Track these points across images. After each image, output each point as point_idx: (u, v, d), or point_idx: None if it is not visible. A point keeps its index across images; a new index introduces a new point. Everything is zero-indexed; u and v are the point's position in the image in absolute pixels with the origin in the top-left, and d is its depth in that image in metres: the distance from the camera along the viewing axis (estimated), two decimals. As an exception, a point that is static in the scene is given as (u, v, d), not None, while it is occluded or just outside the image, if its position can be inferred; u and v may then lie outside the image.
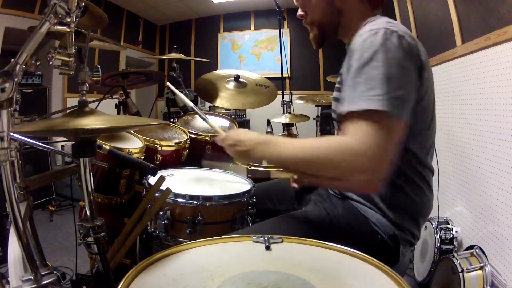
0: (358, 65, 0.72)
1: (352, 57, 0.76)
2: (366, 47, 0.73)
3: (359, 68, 0.72)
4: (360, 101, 0.69)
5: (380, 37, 0.73)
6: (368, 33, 0.75)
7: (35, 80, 3.16)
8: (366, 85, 0.70)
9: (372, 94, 0.68)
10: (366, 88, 0.69)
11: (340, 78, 0.91)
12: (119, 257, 0.99)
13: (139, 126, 1.22)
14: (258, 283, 0.55)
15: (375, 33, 0.74)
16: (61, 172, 1.27)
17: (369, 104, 0.67)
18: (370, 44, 0.73)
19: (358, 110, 0.69)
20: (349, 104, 0.71)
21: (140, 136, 1.59)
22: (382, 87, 0.68)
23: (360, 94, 0.70)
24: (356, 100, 0.70)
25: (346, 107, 0.72)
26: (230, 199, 1.10)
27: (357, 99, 0.70)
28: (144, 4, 4.76)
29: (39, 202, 2.99)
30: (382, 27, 0.75)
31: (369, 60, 0.71)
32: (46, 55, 0.76)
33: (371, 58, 0.71)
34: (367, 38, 0.74)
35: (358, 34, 0.80)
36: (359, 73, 0.72)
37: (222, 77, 2.13)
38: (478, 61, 1.79)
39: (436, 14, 2.27)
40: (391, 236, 0.88)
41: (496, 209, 1.59)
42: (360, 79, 0.71)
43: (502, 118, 1.56)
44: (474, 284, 1.39)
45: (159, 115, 5.35)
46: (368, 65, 0.71)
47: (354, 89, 0.72)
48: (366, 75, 0.71)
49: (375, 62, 0.70)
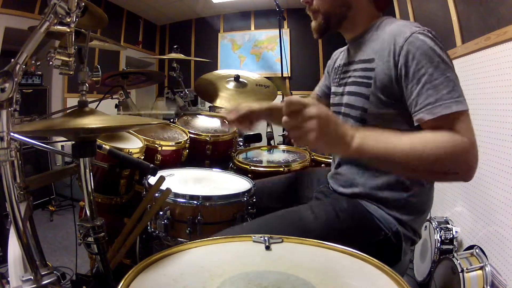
0: (431, 67, 0.75)
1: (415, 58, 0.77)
2: (430, 48, 0.76)
3: (434, 70, 0.75)
4: (452, 105, 0.73)
5: (433, 38, 0.78)
6: (420, 35, 0.78)
7: (35, 80, 3.16)
8: (447, 87, 0.74)
9: (457, 96, 0.73)
10: (448, 90, 0.73)
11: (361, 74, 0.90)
12: (119, 257, 0.99)
13: (139, 126, 1.22)
14: (258, 283, 0.55)
15: (425, 35, 0.78)
16: (61, 172, 1.27)
17: (460, 107, 0.73)
18: (431, 45, 0.76)
19: (452, 112, 0.73)
20: (441, 108, 0.73)
21: (140, 136, 1.59)
22: (458, 88, 0.75)
23: (447, 97, 0.73)
24: (447, 105, 0.73)
25: (439, 110, 0.73)
26: (230, 199, 1.10)
27: (447, 103, 0.73)
28: (144, 4, 4.76)
29: (39, 202, 2.99)
30: (422, 28, 0.80)
31: (440, 62, 0.75)
32: (46, 55, 0.76)
33: (440, 59, 0.75)
34: (424, 38, 0.77)
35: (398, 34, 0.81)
36: (435, 75, 0.75)
37: (222, 77, 2.13)
38: (478, 61, 1.79)
39: (436, 14, 2.27)
40: (395, 232, 0.88)
41: (496, 209, 1.59)
42: (437, 81, 0.74)
43: (502, 118, 1.56)
44: (474, 284, 1.39)
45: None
46: (440, 67, 0.75)
47: (436, 91, 0.74)
48: (443, 77, 0.74)
49: (444, 63, 0.75)
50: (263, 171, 1.65)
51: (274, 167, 1.67)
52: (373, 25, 0.93)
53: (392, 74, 0.81)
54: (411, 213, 0.90)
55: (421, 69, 0.75)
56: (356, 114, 0.92)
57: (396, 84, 0.81)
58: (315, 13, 0.96)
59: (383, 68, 0.83)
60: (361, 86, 0.90)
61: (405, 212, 0.89)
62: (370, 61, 0.88)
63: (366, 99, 0.88)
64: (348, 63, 1.00)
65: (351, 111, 0.93)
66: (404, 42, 0.78)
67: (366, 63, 0.90)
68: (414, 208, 0.91)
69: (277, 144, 2.39)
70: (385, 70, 0.82)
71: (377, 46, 0.86)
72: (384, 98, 0.84)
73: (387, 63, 0.82)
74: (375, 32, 0.91)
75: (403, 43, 0.78)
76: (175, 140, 1.74)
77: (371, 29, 0.93)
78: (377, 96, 0.85)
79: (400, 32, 0.80)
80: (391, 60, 0.81)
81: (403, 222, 0.89)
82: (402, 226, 0.89)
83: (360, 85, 0.90)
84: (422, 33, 0.78)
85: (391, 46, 0.81)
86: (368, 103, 0.87)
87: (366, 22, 0.95)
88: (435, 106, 0.74)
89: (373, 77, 0.86)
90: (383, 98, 0.84)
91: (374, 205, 0.91)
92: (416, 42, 0.77)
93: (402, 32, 0.80)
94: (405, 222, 0.90)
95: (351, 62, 0.98)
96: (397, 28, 0.83)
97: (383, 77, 0.83)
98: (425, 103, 0.75)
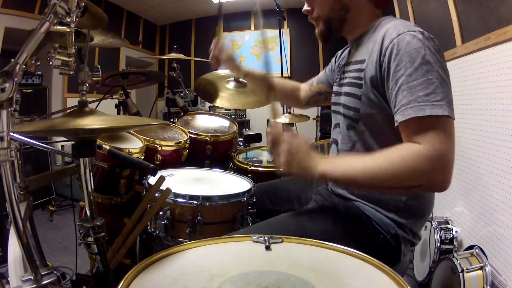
0: (411, 68, 0.73)
1: (396, 59, 0.76)
2: (414, 49, 0.74)
3: (414, 70, 0.73)
4: (426, 108, 0.70)
5: (421, 39, 0.75)
6: (407, 35, 0.76)
7: (35, 80, 3.16)
8: (426, 89, 0.71)
9: (435, 100, 0.70)
10: (425, 92, 0.71)
11: (355, 74, 0.91)
12: (119, 257, 0.99)
13: (139, 126, 1.22)
14: (258, 283, 0.55)
15: (413, 36, 0.76)
16: (61, 172, 1.27)
17: (436, 111, 0.70)
18: (416, 46, 0.74)
19: (424, 115, 0.70)
20: (413, 110, 0.71)
21: (140, 136, 1.59)
22: (441, 91, 0.71)
23: (422, 99, 0.71)
24: (420, 107, 0.71)
25: (410, 112, 0.72)
26: (230, 199, 1.10)
27: (421, 105, 0.71)
28: (144, 4, 4.76)
29: (39, 202, 2.99)
30: (413, 29, 0.78)
31: (421, 63, 0.72)
32: (46, 55, 0.76)
33: (423, 60, 0.73)
34: (411, 39, 0.75)
35: (386, 35, 0.80)
36: (413, 75, 0.73)
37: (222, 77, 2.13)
38: (478, 61, 1.79)
39: (436, 14, 2.27)
40: (393, 235, 0.88)
41: (496, 209, 1.59)
42: (415, 83, 0.72)
43: (502, 118, 1.56)
44: (474, 284, 1.39)
45: (159, 115, 5.35)
46: (422, 68, 0.72)
47: (411, 93, 0.72)
48: (422, 78, 0.72)
49: (428, 65, 0.72)
50: (263, 171, 1.66)
51: (274, 167, 1.67)
52: (372, 26, 0.93)
53: (378, 75, 0.82)
54: (411, 216, 0.90)
55: (400, 70, 0.75)
56: (350, 114, 0.92)
57: (381, 85, 0.82)
58: (317, 20, 0.98)
59: (371, 68, 0.84)
60: (354, 87, 0.91)
61: (405, 215, 0.89)
62: (362, 62, 0.89)
63: (358, 99, 0.89)
64: (346, 64, 1.02)
65: (347, 111, 0.94)
66: (390, 43, 0.78)
67: (359, 64, 0.91)
68: (414, 211, 0.90)
69: (277, 144, 2.39)
70: (372, 71, 0.83)
71: (370, 47, 0.87)
72: (374, 99, 0.85)
73: (375, 64, 0.82)
74: (372, 33, 0.91)
75: (389, 44, 0.78)
76: (175, 140, 1.74)
77: (370, 30, 0.94)
78: (367, 96, 0.86)
79: (389, 33, 0.80)
80: (378, 61, 0.81)
81: (403, 225, 0.89)
82: (401, 229, 0.89)
83: (354, 86, 0.91)
84: (411, 34, 0.76)
85: (379, 47, 0.81)
86: (360, 104, 0.88)
87: (367, 22, 0.95)
88: (407, 108, 0.72)
89: (363, 78, 0.87)
90: (373, 98, 0.85)
91: (373, 208, 0.91)
92: (401, 43, 0.76)
93: (390, 33, 0.80)
94: (404, 225, 0.89)
95: (349, 63, 0.99)
96: (388, 29, 0.82)
97: (371, 78, 0.84)
98: (399, 104, 0.74)
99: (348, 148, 0.95)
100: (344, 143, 0.97)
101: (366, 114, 0.88)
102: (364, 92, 0.87)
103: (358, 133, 0.92)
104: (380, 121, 0.85)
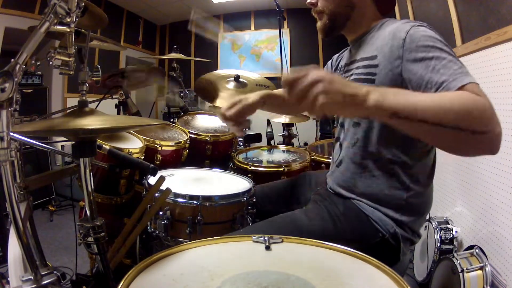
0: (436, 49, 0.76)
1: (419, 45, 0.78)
2: (430, 36, 0.78)
3: (440, 51, 0.76)
4: (465, 77, 0.70)
5: (430, 29, 0.80)
6: (421, 27, 0.81)
7: (35, 80, 3.16)
8: (456, 64, 0.73)
9: (466, 72, 0.72)
10: (458, 66, 0.73)
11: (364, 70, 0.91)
12: (119, 257, 0.99)
13: (139, 126, 1.22)
14: (258, 283, 0.55)
15: (425, 27, 0.81)
16: (61, 172, 1.27)
17: (472, 79, 0.70)
18: (431, 34, 0.79)
19: (468, 82, 0.70)
20: (458, 81, 0.70)
21: (140, 136, 1.59)
22: (464, 67, 0.74)
23: (460, 71, 0.72)
24: (461, 77, 0.71)
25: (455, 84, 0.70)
26: (229, 199, 1.10)
27: (461, 75, 0.71)
28: (144, 4, 4.76)
29: (39, 202, 2.99)
30: (422, 24, 0.82)
31: (444, 44, 0.77)
32: (46, 55, 0.76)
33: (443, 43, 0.77)
34: (425, 29, 0.80)
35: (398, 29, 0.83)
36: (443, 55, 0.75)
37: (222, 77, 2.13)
38: (478, 61, 1.79)
39: (436, 14, 2.27)
40: (392, 234, 0.88)
41: (496, 209, 1.59)
42: (445, 61, 0.74)
43: (502, 118, 1.54)
44: (474, 284, 1.39)
45: (159, 115, 5.35)
46: (445, 48, 0.76)
47: (447, 69, 0.73)
48: (450, 56, 0.75)
49: (447, 47, 0.77)
50: (263, 171, 1.65)
51: (274, 167, 1.67)
52: (375, 26, 0.95)
53: (395, 66, 0.82)
54: (411, 214, 0.90)
55: (429, 53, 0.76)
56: None
57: (399, 76, 0.82)
58: (320, 14, 0.98)
59: (386, 63, 0.84)
60: (364, 83, 0.90)
61: (405, 212, 0.89)
62: (372, 58, 0.89)
63: None
64: (350, 63, 1.02)
65: None
66: (406, 34, 0.80)
67: (369, 60, 0.90)
68: (414, 208, 0.91)
69: (277, 144, 2.39)
70: (388, 65, 0.84)
71: (379, 43, 0.88)
72: None
73: (390, 58, 0.83)
74: (376, 32, 0.93)
75: (405, 35, 0.80)
76: (175, 140, 1.74)
77: (372, 30, 0.95)
78: None
79: (400, 28, 0.83)
80: (394, 53, 0.82)
81: (402, 223, 0.89)
82: (400, 228, 0.89)
83: (364, 81, 0.90)
84: (423, 26, 0.81)
85: (392, 42, 0.83)
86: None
87: (369, 23, 0.97)
88: (450, 82, 0.71)
89: (377, 73, 0.87)
90: None
91: (372, 206, 0.91)
92: (417, 32, 0.79)
93: (402, 28, 0.82)
94: (404, 223, 0.89)
95: (353, 61, 0.99)
96: (396, 26, 0.85)
97: (387, 72, 0.84)
98: (439, 82, 0.73)
99: (351, 145, 0.95)
100: (348, 141, 0.97)
101: None
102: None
103: (364, 130, 0.92)
104: None
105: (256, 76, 2.23)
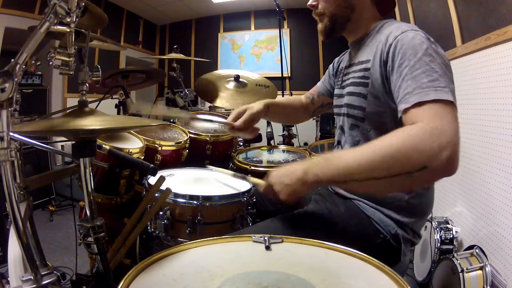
0: (414, 58, 0.74)
1: (400, 53, 0.77)
2: (417, 43, 0.76)
3: (417, 61, 0.74)
4: (431, 92, 0.69)
5: (424, 36, 0.78)
6: (411, 32, 0.78)
7: (35, 80, 3.16)
8: (429, 77, 0.71)
9: (439, 86, 0.69)
10: (429, 79, 0.71)
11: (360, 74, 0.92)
12: (119, 257, 0.99)
13: (139, 126, 1.22)
14: (258, 283, 0.55)
15: (417, 33, 0.78)
16: (61, 172, 1.27)
17: (441, 95, 0.68)
18: (419, 41, 0.76)
19: (429, 100, 0.69)
20: (418, 96, 0.70)
21: (140, 136, 1.59)
22: (444, 80, 0.71)
23: (427, 85, 0.70)
24: (425, 92, 0.70)
25: (414, 98, 0.70)
26: (230, 199, 1.10)
27: (426, 90, 0.70)
28: (144, 4, 4.76)
29: (39, 202, 2.99)
30: (416, 28, 0.80)
31: (424, 54, 0.74)
32: (46, 55, 0.76)
33: (426, 52, 0.74)
34: (414, 36, 0.77)
35: (390, 34, 0.82)
36: (417, 65, 0.73)
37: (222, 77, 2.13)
38: (478, 61, 1.79)
39: (436, 14, 2.27)
40: (394, 235, 0.88)
41: (496, 209, 1.59)
42: (419, 71, 0.72)
43: (502, 118, 1.56)
44: (474, 284, 1.39)
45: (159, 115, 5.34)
46: (424, 58, 0.73)
47: (415, 81, 0.72)
48: (425, 67, 0.72)
49: (431, 57, 0.73)
50: (263, 171, 1.65)
51: (274, 167, 1.66)
52: (374, 28, 0.95)
53: (383, 72, 0.83)
54: (412, 215, 0.90)
55: (404, 62, 0.75)
56: (355, 113, 0.93)
57: (387, 82, 0.83)
58: (321, 16, 0.98)
59: (377, 68, 0.85)
60: (359, 86, 0.91)
61: (406, 214, 0.89)
62: (366, 62, 0.90)
63: (364, 98, 0.89)
64: (349, 66, 1.02)
65: (351, 110, 0.95)
66: (394, 40, 0.80)
67: (364, 64, 0.91)
68: (416, 209, 0.91)
69: (277, 144, 2.39)
70: (378, 69, 0.85)
71: (374, 47, 0.88)
72: (381, 97, 0.85)
73: (379, 62, 0.84)
74: (375, 34, 0.93)
75: (393, 41, 0.80)
76: (175, 140, 1.74)
77: (372, 32, 0.95)
78: (374, 95, 0.87)
79: (392, 33, 0.83)
80: (382, 58, 0.83)
81: (404, 224, 0.89)
82: (401, 229, 0.89)
83: (359, 85, 0.92)
84: (414, 32, 0.79)
85: (383, 46, 0.83)
86: (366, 102, 0.89)
87: (368, 24, 0.97)
88: (412, 95, 0.71)
89: (369, 76, 0.87)
90: (379, 96, 0.86)
91: (373, 207, 0.91)
92: (405, 38, 0.78)
93: (393, 32, 0.82)
94: (406, 224, 0.89)
95: (352, 64, 1.00)
96: (391, 30, 0.85)
97: (377, 76, 0.85)
98: (403, 93, 0.73)
99: (351, 147, 0.95)
100: (347, 143, 0.97)
101: (373, 113, 0.88)
102: (370, 91, 0.87)
103: (362, 132, 0.92)
104: (387, 120, 0.86)
105: (256, 76, 2.23)
